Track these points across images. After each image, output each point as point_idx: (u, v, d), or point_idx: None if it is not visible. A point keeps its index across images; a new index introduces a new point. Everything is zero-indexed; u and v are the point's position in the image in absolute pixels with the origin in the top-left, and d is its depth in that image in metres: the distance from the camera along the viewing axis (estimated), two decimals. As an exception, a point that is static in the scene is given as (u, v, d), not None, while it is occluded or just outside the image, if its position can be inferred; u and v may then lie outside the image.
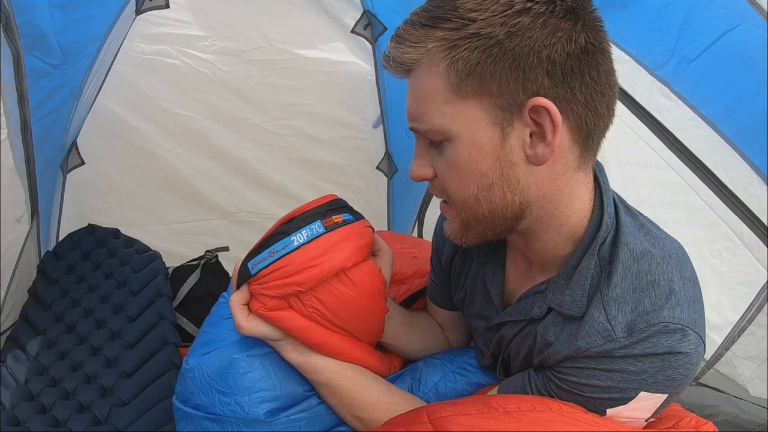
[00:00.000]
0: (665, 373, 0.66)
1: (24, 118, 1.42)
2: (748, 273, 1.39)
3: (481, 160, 0.65)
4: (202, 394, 0.87)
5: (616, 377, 0.68)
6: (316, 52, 1.89)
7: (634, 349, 0.66)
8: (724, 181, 1.31)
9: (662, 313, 0.66)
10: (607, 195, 0.72)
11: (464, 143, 0.65)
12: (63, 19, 1.35)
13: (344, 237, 0.82)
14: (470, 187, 0.67)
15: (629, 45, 1.31)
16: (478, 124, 0.64)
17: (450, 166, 0.67)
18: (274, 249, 0.80)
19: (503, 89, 0.61)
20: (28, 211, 1.61)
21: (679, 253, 0.71)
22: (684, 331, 0.65)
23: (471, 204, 0.68)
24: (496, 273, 0.84)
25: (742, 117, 1.20)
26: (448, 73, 0.62)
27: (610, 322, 0.68)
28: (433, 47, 0.62)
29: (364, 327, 0.88)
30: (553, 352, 0.73)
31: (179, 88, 1.87)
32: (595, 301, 0.70)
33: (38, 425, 1.26)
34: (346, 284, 0.82)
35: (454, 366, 0.95)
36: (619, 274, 0.68)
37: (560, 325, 0.73)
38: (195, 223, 2.07)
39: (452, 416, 0.69)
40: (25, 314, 1.62)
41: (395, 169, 2.13)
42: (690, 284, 0.69)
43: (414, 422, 0.71)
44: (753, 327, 1.44)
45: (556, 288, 0.73)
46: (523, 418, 0.67)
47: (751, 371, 1.50)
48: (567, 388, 0.72)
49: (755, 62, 1.08)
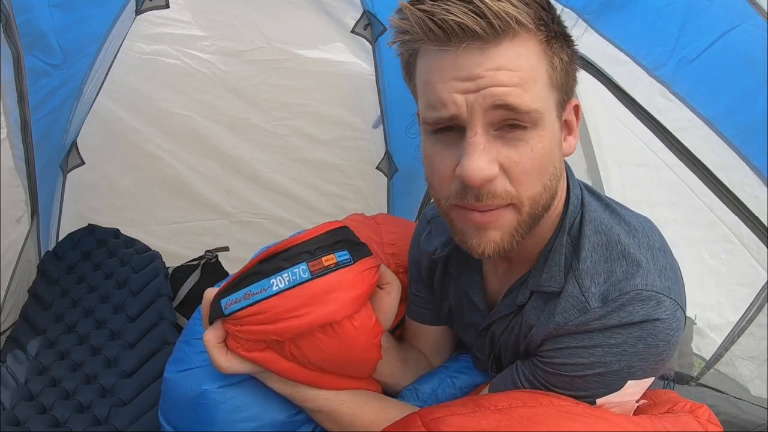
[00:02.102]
0: (645, 341, 0.67)
1: (24, 118, 1.42)
2: (748, 274, 1.39)
3: (555, 151, 0.67)
4: (179, 419, 0.83)
5: (597, 352, 0.69)
6: (316, 52, 1.89)
7: (610, 319, 0.68)
8: (723, 181, 1.31)
9: (634, 281, 0.67)
10: (572, 179, 0.76)
11: (549, 132, 0.64)
12: (63, 19, 1.35)
13: (334, 286, 0.70)
14: (544, 177, 0.65)
15: (628, 45, 1.31)
16: (555, 115, 0.66)
17: (534, 156, 0.63)
18: (250, 291, 0.70)
19: (567, 87, 0.67)
20: (28, 211, 1.61)
21: (645, 226, 0.74)
22: (658, 298, 0.67)
23: (538, 196, 0.66)
24: (475, 280, 0.85)
25: (742, 117, 1.20)
26: (553, 61, 0.64)
27: (584, 294, 0.70)
28: (536, 25, 0.62)
29: (352, 372, 0.81)
30: (535, 333, 0.75)
31: (179, 88, 1.87)
32: (569, 277, 0.72)
33: (38, 425, 1.26)
34: (332, 338, 0.71)
35: (449, 371, 0.94)
36: (587, 248, 0.71)
37: (540, 308, 0.75)
38: (195, 223, 2.07)
39: (444, 417, 0.69)
40: (25, 314, 1.62)
41: (395, 169, 2.12)
42: (660, 254, 0.71)
43: (408, 426, 0.71)
44: (753, 327, 1.44)
45: (536, 273, 0.75)
46: (515, 414, 0.68)
47: (751, 371, 1.49)
48: (552, 370, 0.73)
49: (755, 62, 1.08)
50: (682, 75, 1.25)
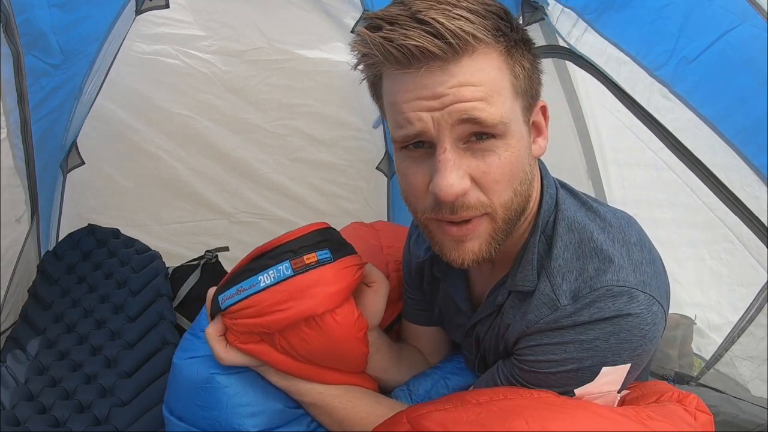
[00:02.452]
0: (618, 336, 0.67)
1: (24, 117, 1.42)
2: (748, 274, 1.39)
3: (524, 156, 0.67)
4: (184, 406, 0.87)
5: (569, 348, 0.69)
6: (316, 52, 1.89)
7: (580, 316, 0.68)
8: (723, 181, 1.31)
9: (605, 277, 0.67)
10: (547, 178, 0.76)
11: (516, 140, 0.65)
12: (62, 19, 1.35)
13: (314, 282, 0.76)
14: (514, 183, 0.67)
15: (628, 45, 1.31)
16: (518, 123, 0.66)
17: (503, 164, 0.64)
18: (242, 287, 0.77)
19: (532, 92, 0.67)
20: (28, 211, 1.61)
21: (622, 222, 0.74)
22: (630, 293, 0.67)
23: (510, 202, 0.67)
24: (457, 282, 0.86)
25: (742, 117, 1.20)
26: (515, 69, 0.64)
27: (554, 292, 0.70)
28: (495, 37, 0.62)
29: (341, 366, 0.85)
30: (511, 332, 0.76)
31: (179, 88, 1.87)
32: (542, 275, 0.72)
33: (38, 425, 1.26)
34: (315, 330, 0.77)
35: (443, 372, 0.96)
36: (559, 246, 0.72)
37: (516, 306, 0.76)
38: (195, 223, 2.07)
39: (428, 413, 0.71)
40: (25, 314, 1.62)
41: (395, 170, 2.12)
42: (635, 248, 0.71)
43: (394, 424, 0.73)
44: (753, 327, 1.44)
45: (512, 273, 0.76)
46: (495, 407, 0.69)
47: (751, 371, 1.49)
48: (527, 368, 0.74)
49: (755, 62, 1.08)
50: (682, 75, 1.25)
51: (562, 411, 0.67)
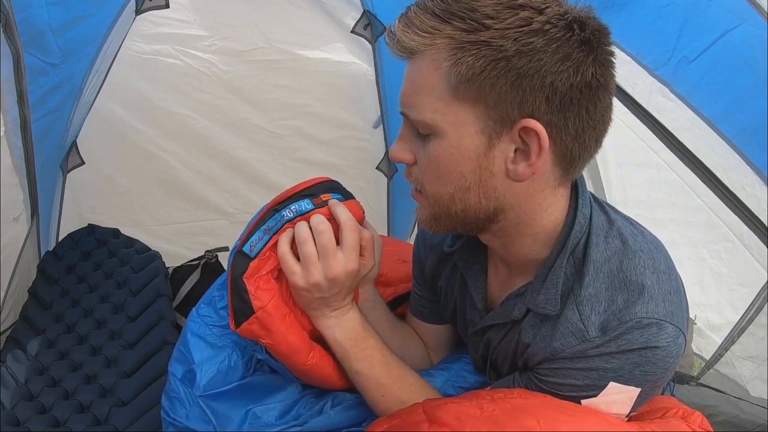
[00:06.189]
0: (642, 368, 0.66)
1: (24, 117, 1.42)
2: (748, 274, 1.39)
3: (463, 163, 0.65)
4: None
5: (592, 375, 0.69)
6: (317, 53, 1.89)
7: (608, 347, 0.67)
8: (723, 181, 1.31)
9: (635, 309, 0.66)
10: (583, 198, 0.73)
11: (449, 143, 0.65)
12: (61, 17, 1.34)
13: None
14: (447, 186, 0.67)
15: (629, 45, 1.31)
16: (467, 129, 0.64)
17: (431, 161, 0.67)
18: (269, 226, 0.81)
19: (500, 103, 0.61)
20: (26, 211, 1.61)
21: (651, 247, 0.72)
22: (659, 324, 0.66)
23: (445, 201, 0.69)
24: (478, 278, 0.85)
25: (742, 117, 1.20)
26: (449, 73, 0.62)
27: (583, 323, 0.68)
28: (441, 43, 0.62)
29: None
30: (532, 353, 0.75)
31: (179, 88, 1.86)
32: (569, 302, 0.70)
33: (38, 425, 1.26)
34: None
35: (450, 373, 0.95)
36: (591, 274, 0.69)
37: (537, 327, 0.74)
38: (195, 223, 2.07)
39: (443, 404, 0.73)
40: (25, 314, 1.61)
41: (395, 170, 2.12)
42: (664, 276, 0.69)
43: (410, 413, 0.75)
44: (753, 327, 1.44)
45: (533, 290, 0.74)
46: (508, 405, 0.69)
47: (751, 371, 1.50)
48: (546, 388, 0.73)
49: (755, 62, 1.08)
50: (683, 75, 1.25)
51: (573, 414, 0.67)
